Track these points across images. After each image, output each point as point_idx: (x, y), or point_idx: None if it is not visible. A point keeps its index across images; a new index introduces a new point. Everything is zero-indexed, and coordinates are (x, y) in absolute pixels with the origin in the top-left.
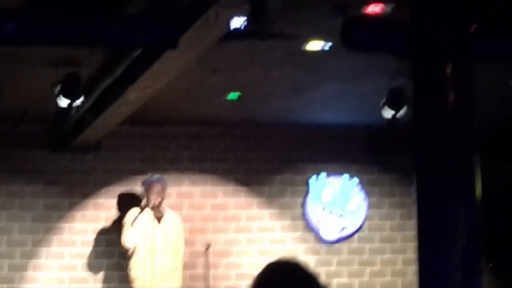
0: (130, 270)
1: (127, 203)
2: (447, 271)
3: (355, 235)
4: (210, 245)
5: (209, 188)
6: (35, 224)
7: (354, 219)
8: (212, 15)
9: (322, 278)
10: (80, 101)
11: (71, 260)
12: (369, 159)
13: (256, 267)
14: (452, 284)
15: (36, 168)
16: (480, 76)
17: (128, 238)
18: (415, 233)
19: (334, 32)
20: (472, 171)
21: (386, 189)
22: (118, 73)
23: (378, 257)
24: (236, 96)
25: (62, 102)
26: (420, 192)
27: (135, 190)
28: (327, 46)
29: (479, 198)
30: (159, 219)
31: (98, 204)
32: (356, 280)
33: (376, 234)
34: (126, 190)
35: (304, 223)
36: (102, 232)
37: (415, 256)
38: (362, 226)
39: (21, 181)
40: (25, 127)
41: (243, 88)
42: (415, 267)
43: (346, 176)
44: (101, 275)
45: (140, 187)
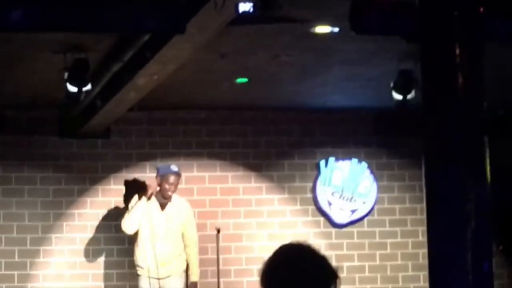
0: (135, 256)
1: (136, 189)
2: (457, 254)
3: (365, 219)
4: (220, 229)
5: (218, 173)
6: (45, 211)
7: (364, 203)
8: (220, 0)
9: (332, 262)
10: (88, 87)
11: (82, 246)
12: (378, 142)
13: (266, 251)
14: (462, 266)
15: (45, 154)
16: (489, 57)
17: (125, 223)
18: (425, 216)
19: (342, 16)
20: (482, 153)
21: (395, 172)
22: (126, 58)
23: (388, 240)
24: (245, 80)
25: (71, 88)
26: (428, 174)
27: (144, 175)
28: (336, 29)
29: (489, 180)
30: (163, 206)
31: (108, 190)
32: (366, 263)
33: (386, 218)
34: (135, 175)
35: (314, 207)
36: (112, 218)
37: (426, 239)
38: (372, 209)
39: (30, 167)
40: (34, 114)
41: (251, 72)
42: (426, 250)
43: (355, 160)
44: (111, 260)
45: (154, 173)
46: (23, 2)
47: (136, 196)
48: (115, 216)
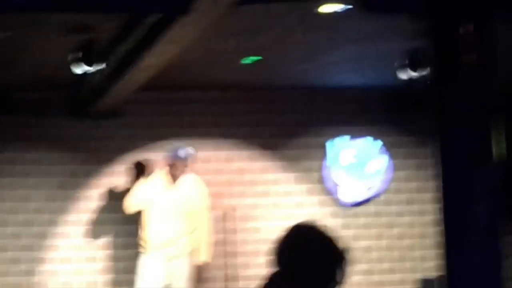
0: (141, 235)
1: (145, 169)
2: (469, 232)
3: (374, 198)
4: (229, 209)
5: (230, 152)
6: (54, 192)
7: (373, 182)
8: None
9: (342, 241)
10: (96, 67)
11: (90, 227)
12: (387, 121)
13: (276, 231)
14: (473, 245)
15: (54, 135)
16: (502, 34)
17: (125, 202)
18: (433, 195)
19: None
20: (495, 131)
21: (404, 151)
22: (134, 39)
23: (397, 219)
24: (256, 59)
25: (79, 69)
26: (443, 153)
27: (154, 155)
28: (344, 7)
29: (503, 158)
30: (172, 184)
31: (118, 171)
32: (374, 243)
33: (395, 197)
34: (145, 156)
35: (323, 186)
36: (121, 199)
37: (434, 218)
38: (381, 189)
39: (39, 148)
40: (42, 95)
41: (260, 51)
42: (434, 229)
43: (366, 138)
44: (120, 241)
45: (163, 153)
46: None
47: (144, 176)
48: (124, 197)
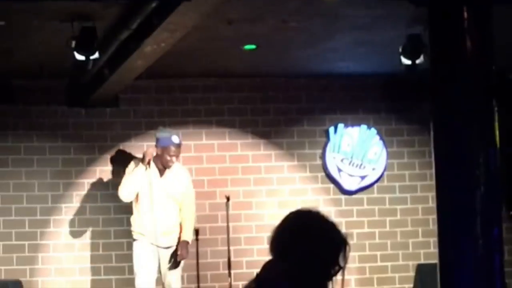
0: (133, 223)
1: (135, 158)
2: (466, 219)
3: (375, 186)
4: (229, 197)
5: (227, 141)
6: (55, 180)
7: (373, 169)
8: None
9: (342, 229)
10: (96, 55)
11: (92, 215)
12: (387, 108)
13: (276, 219)
14: (471, 232)
15: (54, 124)
16: (498, 21)
17: (121, 190)
18: (434, 182)
19: None
20: (490, 117)
21: (405, 138)
22: (134, 26)
23: (398, 207)
24: (253, 47)
25: (79, 57)
26: (437, 139)
27: (153, 144)
28: None
29: (498, 144)
30: (162, 173)
31: (117, 159)
32: (376, 230)
33: (396, 184)
34: (144, 144)
35: (323, 174)
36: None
37: (435, 205)
38: (382, 176)
39: (39, 137)
40: (42, 83)
41: (259, 39)
42: (436, 216)
43: (364, 126)
44: (122, 230)
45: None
46: None
47: (133, 164)
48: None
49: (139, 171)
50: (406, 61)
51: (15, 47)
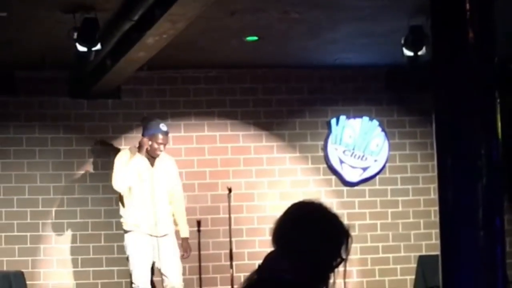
0: (127, 215)
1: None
2: (468, 210)
3: (377, 177)
4: (231, 189)
5: (229, 132)
6: (56, 172)
7: (375, 161)
8: None
9: (344, 220)
10: (98, 47)
11: (94, 206)
12: (389, 100)
13: (278, 210)
14: (473, 223)
15: (56, 115)
16: (500, 12)
17: (117, 180)
18: (436, 173)
19: None
20: (492, 108)
21: (407, 130)
22: (135, 18)
23: (400, 198)
24: (254, 38)
25: (81, 48)
26: (439, 130)
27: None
28: None
29: (500, 135)
30: (152, 163)
31: (119, 151)
32: (378, 221)
33: (398, 176)
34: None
35: (325, 165)
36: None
37: (437, 196)
38: (383, 167)
39: (41, 128)
40: (44, 74)
41: (261, 30)
42: (437, 208)
43: (366, 117)
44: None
45: (142, 128)
46: None
47: (125, 153)
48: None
49: (136, 161)
50: (408, 52)
51: (17, 38)
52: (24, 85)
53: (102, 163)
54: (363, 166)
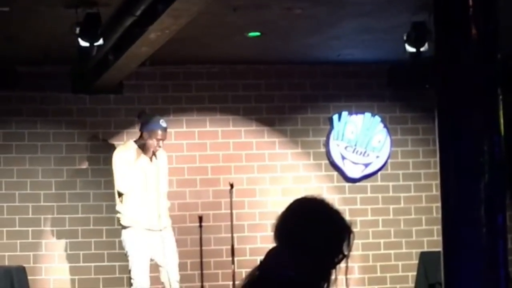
0: (127, 210)
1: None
2: (470, 207)
3: (379, 173)
4: (233, 184)
5: (231, 128)
6: (58, 167)
7: (377, 157)
8: None
9: (346, 216)
10: (100, 42)
11: (96, 202)
12: (391, 96)
13: (279, 206)
14: (475, 220)
15: (58, 110)
16: (504, 8)
17: (125, 183)
18: (438, 170)
19: None
20: (495, 105)
21: (409, 126)
22: (138, 13)
23: (402, 194)
24: (257, 34)
25: (83, 43)
26: (441, 127)
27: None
28: None
29: (503, 132)
30: (150, 157)
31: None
32: (380, 218)
33: (400, 172)
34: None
35: (327, 161)
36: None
37: (439, 193)
38: (385, 164)
39: (43, 123)
40: (46, 69)
41: (264, 25)
42: (439, 204)
43: (369, 113)
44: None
45: (139, 123)
46: None
47: (129, 154)
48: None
49: (142, 164)
50: (411, 48)
51: (20, 33)
52: (26, 80)
53: (104, 158)
54: (365, 162)
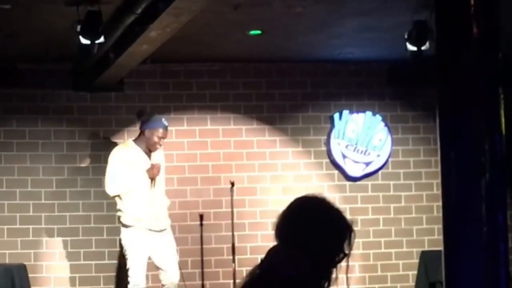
0: (129, 209)
1: None
2: (471, 206)
3: (379, 172)
4: (234, 183)
5: (232, 126)
6: (59, 165)
7: (378, 156)
8: None
9: (347, 215)
10: (101, 39)
11: (97, 199)
12: (392, 94)
13: (280, 205)
14: (476, 218)
15: (59, 107)
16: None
17: (116, 189)
18: (439, 169)
19: None
20: (496, 104)
21: (410, 125)
22: (139, 10)
23: (403, 193)
24: (257, 32)
25: (84, 41)
26: (442, 126)
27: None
28: None
29: (503, 131)
30: (149, 156)
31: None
32: (381, 216)
33: (401, 171)
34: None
35: (328, 160)
36: None
37: (440, 192)
38: (386, 162)
39: (43, 121)
40: (47, 67)
41: (265, 24)
42: (440, 203)
43: (369, 112)
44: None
45: (139, 122)
46: None
47: (121, 154)
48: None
49: (142, 163)
50: (412, 47)
51: (21, 31)
52: (27, 77)
53: (104, 156)
54: (366, 161)
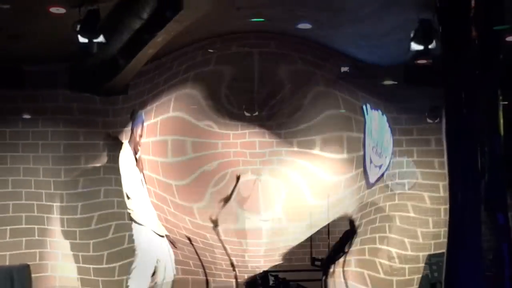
0: (135, 210)
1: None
2: (473, 207)
3: (384, 175)
4: (240, 175)
5: (239, 129)
6: (61, 167)
7: (386, 157)
8: None
9: (348, 214)
10: (100, 38)
11: (103, 199)
12: (393, 95)
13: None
14: (479, 218)
15: (58, 107)
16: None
17: (129, 184)
18: (444, 170)
19: None
20: (495, 106)
21: (410, 127)
22: (145, 16)
23: (410, 195)
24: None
25: (81, 39)
26: (448, 127)
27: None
28: None
29: (503, 132)
30: (136, 152)
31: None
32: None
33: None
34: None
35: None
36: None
37: (444, 195)
38: (389, 164)
39: (45, 122)
40: (50, 68)
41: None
42: (445, 206)
43: (379, 112)
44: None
45: (133, 121)
46: None
47: (128, 157)
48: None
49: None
50: (417, 47)
51: (25, 33)
52: (29, 78)
53: (111, 156)
54: (380, 164)
